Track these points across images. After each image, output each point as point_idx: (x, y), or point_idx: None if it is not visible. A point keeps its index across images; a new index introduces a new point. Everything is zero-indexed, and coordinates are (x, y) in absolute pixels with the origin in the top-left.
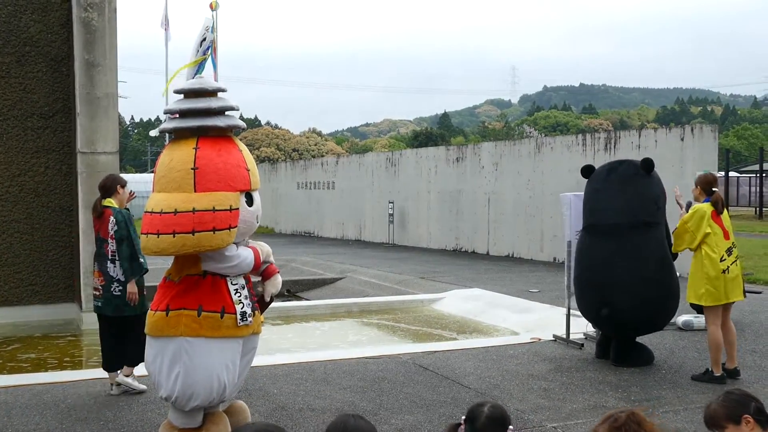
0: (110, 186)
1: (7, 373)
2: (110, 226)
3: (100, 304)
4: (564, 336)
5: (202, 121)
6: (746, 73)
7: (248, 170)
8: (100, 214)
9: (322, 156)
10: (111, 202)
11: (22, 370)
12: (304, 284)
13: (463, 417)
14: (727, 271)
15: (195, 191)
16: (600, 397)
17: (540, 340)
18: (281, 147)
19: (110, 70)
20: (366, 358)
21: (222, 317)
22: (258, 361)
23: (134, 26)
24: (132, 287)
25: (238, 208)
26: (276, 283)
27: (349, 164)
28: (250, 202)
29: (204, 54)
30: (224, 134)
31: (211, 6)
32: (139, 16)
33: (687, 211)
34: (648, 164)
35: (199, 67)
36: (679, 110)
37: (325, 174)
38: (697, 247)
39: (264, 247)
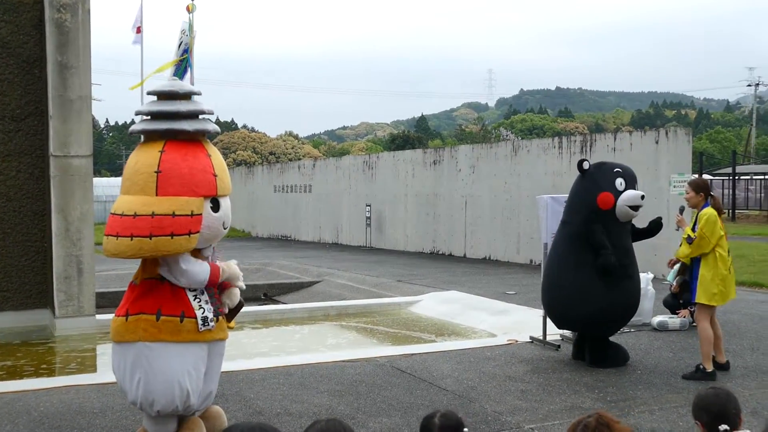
0: None
1: None
2: None
3: None
4: (541, 337)
5: (170, 125)
6: (720, 78)
7: (215, 176)
8: None
9: (299, 159)
10: None
11: (2, 378)
12: (281, 288)
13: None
14: (729, 270)
15: (156, 195)
16: (577, 397)
17: (517, 341)
18: (258, 150)
19: (84, 72)
20: (343, 361)
21: (182, 321)
22: (235, 365)
23: (109, 28)
24: None
25: (200, 214)
26: (232, 296)
27: (326, 167)
28: (216, 207)
29: (181, 56)
30: (194, 138)
31: (187, 8)
32: (114, 18)
33: (681, 214)
34: (579, 164)
35: (177, 68)
36: (654, 114)
37: (302, 177)
38: (711, 250)
39: (232, 269)
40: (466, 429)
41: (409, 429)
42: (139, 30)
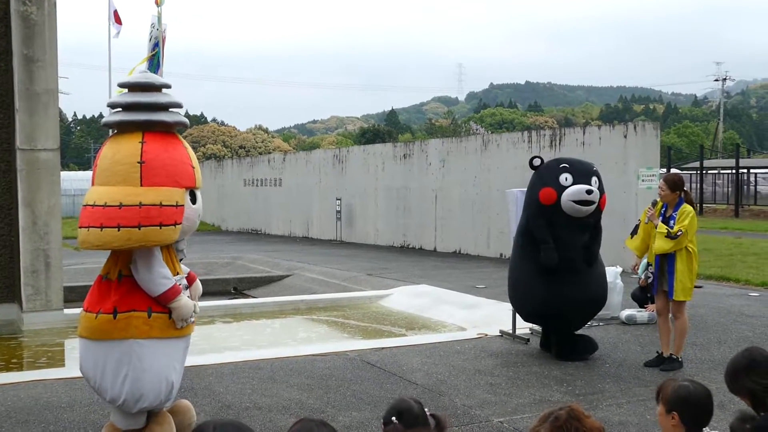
0: None
1: None
2: None
3: None
4: (510, 331)
5: (149, 116)
6: (687, 73)
7: (193, 167)
8: None
9: (269, 153)
10: None
11: None
12: (251, 282)
13: (392, 417)
14: None
15: (141, 185)
16: (545, 391)
17: (486, 335)
18: (227, 144)
19: (50, 66)
20: (313, 355)
21: (170, 317)
22: (204, 359)
23: (76, 21)
24: None
25: (183, 205)
26: (195, 290)
27: (296, 161)
28: (193, 200)
29: (152, 50)
30: (169, 130)
31: (156, 1)
32: (81, 10)
33: (654, 207)
34: (530, 161)
35: (150, 63)
36: (623, 108)
37: (272, 171)
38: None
39: (196, 289)
40: (426, 409)
41: (379, 422)
42: (117, 18)
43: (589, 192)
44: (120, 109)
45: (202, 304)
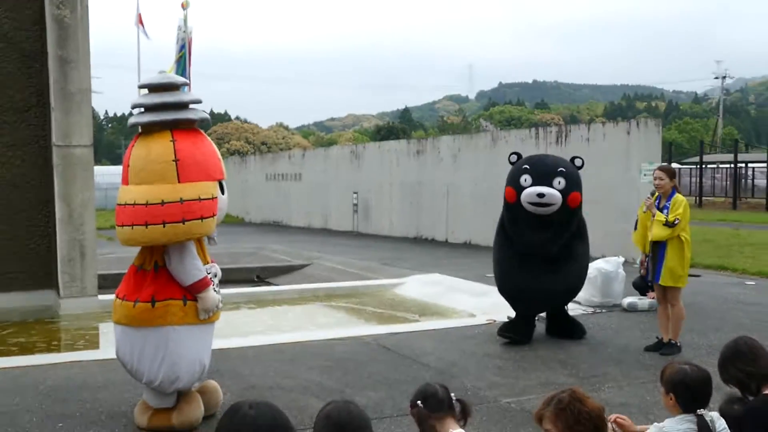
0: None
1: None
2: None
3: None
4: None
5: (177, 114)
6: (689, 71)
7: (220, 160)
8: None
9: (290, 149)
10: None
11: (10, 354)
12: (273, 270)
13: (418, 400)
14: None
15: (179, 182)
16: (551, 374)
17: (495, 321)
18: (250, 140)
19: (83, 66)
20: (332, 339)
21: None
22: (230, 343)
23: (108, 23)
24: None
25: (216, 197)
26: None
27: (315, 157)
28: (222, 190)
29: (179, 51)
30: (193, 127)
31: (182, 5)
32: (112, 13)
33: (652, 197)
34: (508, 157)
35: (178, 64)
36: (626, 105)
37: (292, 166)
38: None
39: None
40: (453, 394)
41: (393, 402)
42: (141, 21)
43: (540, 195)
44: (143, 110)
45: (229, 291)
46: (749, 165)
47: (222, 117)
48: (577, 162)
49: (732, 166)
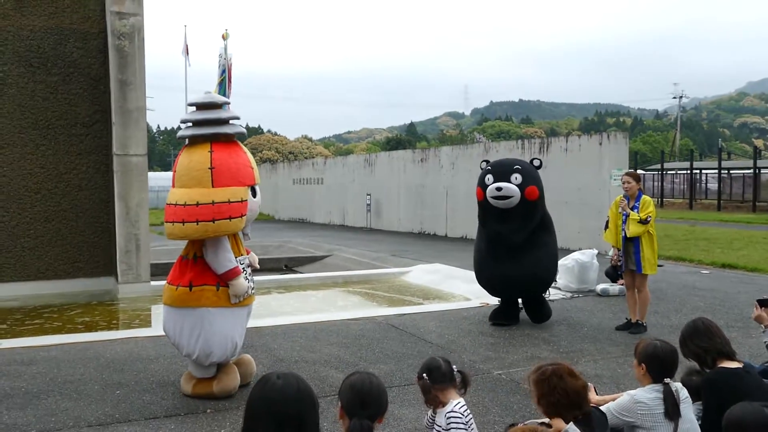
0: None
1: (66, 332)
2: None
3: None
4: None
5: (215, 129)
6: (651, 91)
7: (252, 168)
8: None
9: (313, 157)
10: None
11: (77, 331)
12: (299, 260)
13: (423, 373)
14: None
15: (213, 186)
16: (536, 349)
17: (488, 304)
18: (280, 150)
19: (140, 88)
20: (349, 319)
21: None
22: (262, 322)
23: (159, 51)
24: None
25: (246, 200)
26: (252, 259)
27: (334, 164)
28: (254, 194)
29: (221, 75)
30: (231, 139)
31: (222, 36)
32: (164, 43)
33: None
34: (480, 164)
35: (220, 86)
36: (598, 121)
37: (316, 172)
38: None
39: (253, 258)
40: (454, 366)
41: (402, 374)
42: (187, 50)
43: (498, 189)
44: (190, 124)
45: (261, 278)
46: (703, 171)
47: (256, 130)
48: (536, 162)
49: (688, 172)
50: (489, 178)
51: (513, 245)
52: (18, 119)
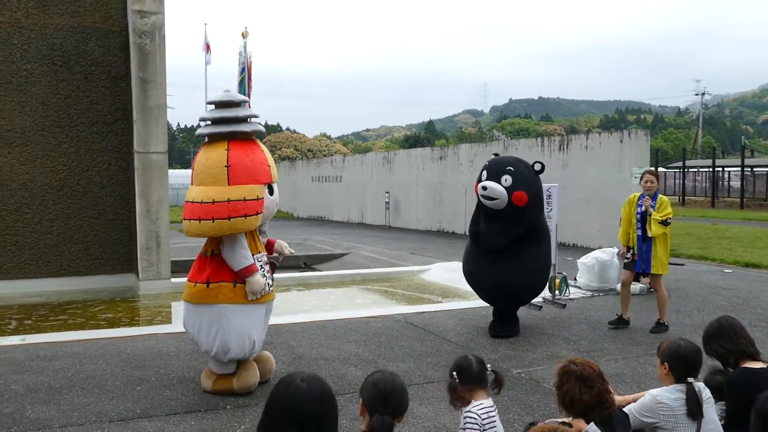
0: None
1: (89, 328)
2: None
3: None
4: None
5: (232, 128)
6: (672, 88)
7: (269, 166)
8: None
9: (332, 155)
10: None
11: (100, 327)
12: (317, 258)
13: (453, 372)
14: None
15: (229, 184)
16: (555, 348)
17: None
18: (298, 148)
19: (160, 86)
20: (367, 317)
21: None
22: (282, 319)
23: (179, 49)
24: None
25: (263, 198)
26: (280, 244)
27: (353, 162)
28: (270, 192)
29: (240, 74)
30: (249, 138)
31: (242, 35)
32: (183, 41)
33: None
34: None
35: (240, 85)
36: (618, 118)
37: (334, 170)
38: None
39: (281, 245)
40: (489, 365)
41: (420, 371)
42: (209, 48)
43: (483, 188)
44: (209, 123)
45: (281, 275)
46: (725, 169)
47: (275, 128)
48: (537, 166)
49: (711, 169)
50: (483, 174)
51: (490, 248)
52: (41, 117)
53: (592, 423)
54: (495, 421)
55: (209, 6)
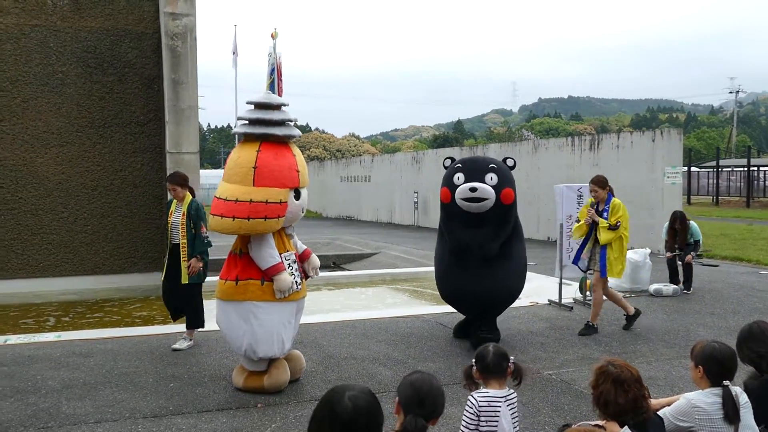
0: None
1: (124, 326)
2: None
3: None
4: (557, 300)
5: (265, 130)
6: (705, 86)
7: (298, 171)
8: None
9: (360, 155)
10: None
11: (135, 324)
12: (347, 258)
13: (473, 360)
14: None
15: (254, 185)
16: (587, 350)
17: (537, 303)
18: (327, 148)
19: (192, 87)
20: (397, 317)
21: None
22: (312, 318)
23: (210, 51)
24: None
25: (286, 202)
26: (313, 262)
27: (382, 162)
28: (297, 196)
29: (270, 76)
30: (282, 141)
31: (272, 36)
32: (213, 43)
33: (592, 208)
34: (443, 162)
35: (272, 87)
36: (650, 117)
37: (363, 170)
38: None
39: (312, 263)
40: (512, 357)
41: (450, 371)
42: (237, 49)
43: (472, 190)
44: (246, 122)
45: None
46: (761, 168)
47: (304, 128)
48: (509, 162)
49: (745, 169)
50: (459, 177)
51: (486, 255)
52: (76, 118)
53: (626, 427)
54: (498, 410)
55: (239, 7)
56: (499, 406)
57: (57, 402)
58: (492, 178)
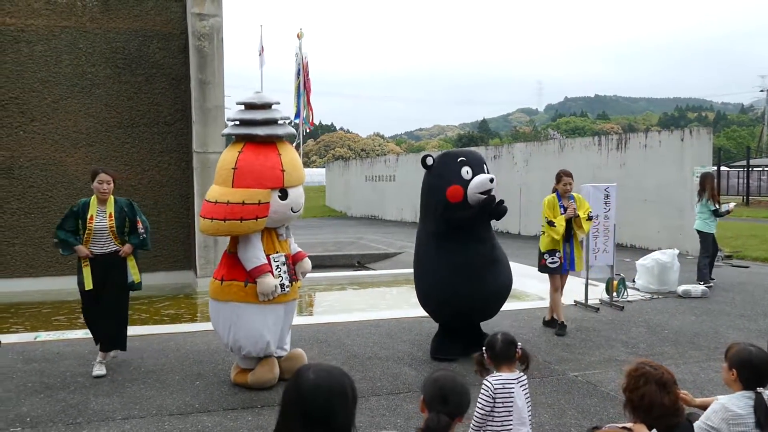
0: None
1: (152, 323)
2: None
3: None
4: (583, 301)
5: (247, 131)
6: (735, 85)
7: (283, 171)
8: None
9: (385, 155)
10: None
11: (162, 323)
12: (371, 257)
13: (483, 347)
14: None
15: (232, 186)
16: (613, 352)
17: (563, 304)
18: (352, 147)
19: (218, 87)
20: (421, 317)
21: None
22: (336, 317)
23: (237, 52)
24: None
25: (267, 203)
26: (305, 266)
27: (406, 161)
28: (284, 196)
29: (297, 78)
30: (268, 141)
31: (298, 36)
32: (240, 44)
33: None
34: (422, 160)
35: (298, 90)
36: (678, 116)
37: (388, 169)
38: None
39: (303, 266)
40: (519, 343)
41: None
42: (263, 50)
43: (492, 180)
44: (238, 123)
45: (335, 274)
46: None
47: (329, 128)
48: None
49: None
50: (467, 171)
51: (488, 253)
52: (104, 118)
53: (654, 430)
54: (512, 391)
55: (266, 8)
56: (513, 388)
57: (85, 398)
58: (487, 168)
